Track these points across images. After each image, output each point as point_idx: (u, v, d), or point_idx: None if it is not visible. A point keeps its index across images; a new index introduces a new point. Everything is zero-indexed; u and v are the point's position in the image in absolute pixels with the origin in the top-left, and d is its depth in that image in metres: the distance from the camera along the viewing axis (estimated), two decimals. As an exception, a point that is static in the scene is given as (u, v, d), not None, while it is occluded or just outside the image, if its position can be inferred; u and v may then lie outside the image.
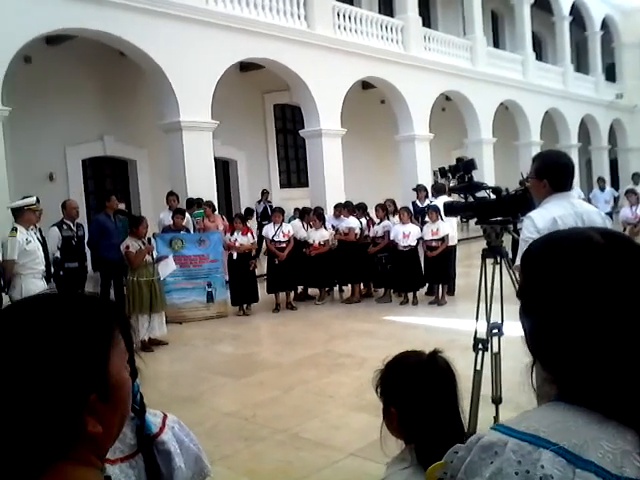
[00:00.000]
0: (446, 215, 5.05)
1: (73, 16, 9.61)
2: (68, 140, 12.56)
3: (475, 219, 5.04)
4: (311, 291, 9.98)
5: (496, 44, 23.56)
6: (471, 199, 5.03)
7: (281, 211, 9.57)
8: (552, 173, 3.54)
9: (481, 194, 5.07)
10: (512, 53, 21.25)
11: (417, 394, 1.73)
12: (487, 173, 18.12)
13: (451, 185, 5.13)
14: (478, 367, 3.79)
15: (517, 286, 1.00)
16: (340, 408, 5.04)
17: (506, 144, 20.11)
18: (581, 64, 26.46)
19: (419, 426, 1.73)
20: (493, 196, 4.85)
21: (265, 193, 14.59)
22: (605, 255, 0.85)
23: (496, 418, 3.81)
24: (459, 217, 6.41)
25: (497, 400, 3.90)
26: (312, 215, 9.81)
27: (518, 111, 20.56)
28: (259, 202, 14.06)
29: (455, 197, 5.44)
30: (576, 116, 23.24)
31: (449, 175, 5.07)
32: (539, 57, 23.59)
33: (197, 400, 5.44)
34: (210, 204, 10.65)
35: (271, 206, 12.57)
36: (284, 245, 9.26)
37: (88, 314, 0.82)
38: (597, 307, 0.83)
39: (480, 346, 3.82)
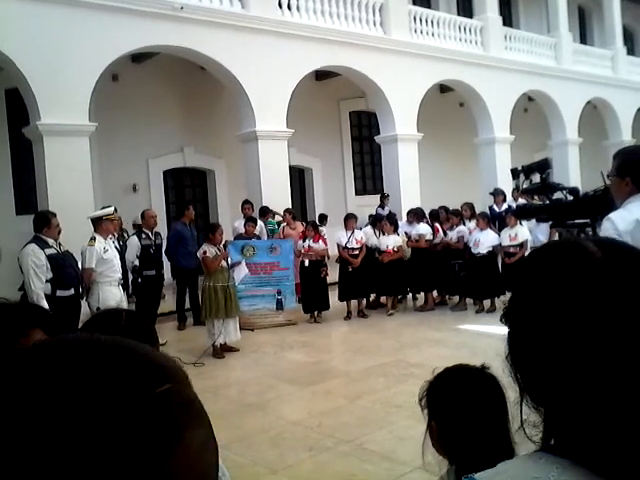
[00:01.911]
0: (519, 218, 4.80)
1: (156, 34, 10.05)
2: (150, 152, 13.08)
3: (550, 222, 4.75)
4: (383, 299, 9.80)
5: (583, 40, 22.45)
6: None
7: (354, 217, 9.48)
8: (636, 170, 3.24)
9: (557, 195, 4.77)
10: (601, 49, 20.20)
11: (456, 411, 1.63)
12: (573, 175, 17.29)
13: (524, 186, 4.88)
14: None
15: None
16: (407, 419, 4.85)
17: (594, 144, 19.09)
18: (678, 57, 24.77)
19: (460, 446, 1.61)
20: (570, 197, 4.56)
21: (386, 197, 13.69)
22: (602, 271, 0.72)
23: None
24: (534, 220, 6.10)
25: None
26: (384, 221, 9.65)
27: (607, 109, 19.49)
28: (381, 207, 13.57)
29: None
30: (673, 112, 21.77)
31: (521, 175, 4.82)
32: (631, 51, 22.27)
33: (264, 407, 5.43)
34: (290, 211, 10.76)
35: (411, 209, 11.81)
36: (357, 252, 9.18)
37: None
38: (591, 331, 0.69)
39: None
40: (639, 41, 24.86)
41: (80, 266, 6.59)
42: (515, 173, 4.81)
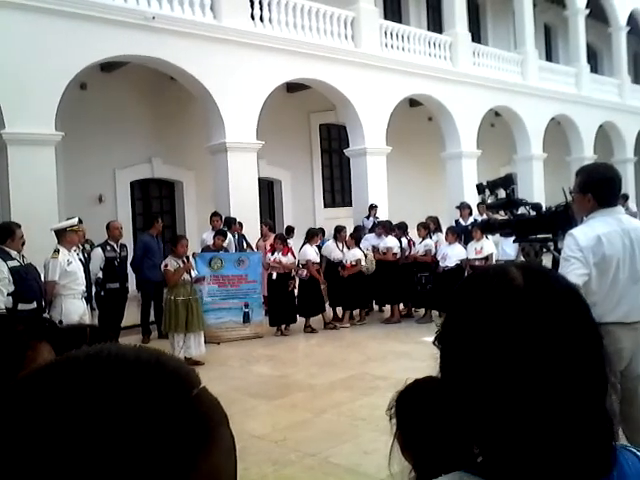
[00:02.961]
0: (484, 233, 4.87)
1: (126, 43, 9.94)
2: (118, 163, 12.92)
3: (513, 237, 4.83)
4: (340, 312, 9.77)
5: (549, 57, 23.02)
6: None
7: (322, 232, 9.53)
8: (597, 187, 3.32)
9: (521, 210, 4.85)
10: (566, 66, 20.72)
11: (419, 424, 1.65)
12: (537, 189, 17.63)
13: (489, 202, 4.95)
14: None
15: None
16: (372, 432, 4.85)
17: (558, 160, 19.52)
18: (639, 76, 25.52)
19: (424, 455, 1.64)
20: (533, 213, 4.64)
21: (373, 207, 13.37)
22: (521, 300, 0.74)
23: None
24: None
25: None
26: (343, 233, 9.61)
27: (570, 125, 19.96)
28: (367, 217, 13.57)
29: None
30: (633, 129, 22.36)
31: (486, 191, 4.89)
32: (594, 69, 22.89)
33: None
34: (267, 223, 10.73)
35: (379, 222, 11.50)
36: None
37: None
38: (507, 358, 0.71)
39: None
40: (603, 59, 25.57)
41: (43, 279, 6.46)
42: (480, 188, 4.88)
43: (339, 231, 9.65)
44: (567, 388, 0.71)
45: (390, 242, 9.44)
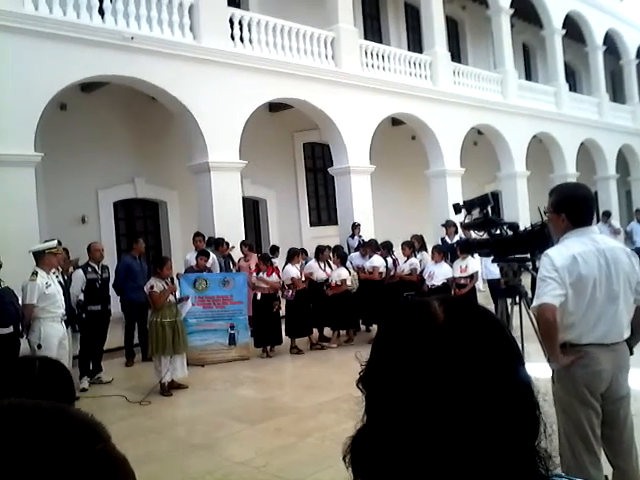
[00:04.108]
0: (462, 253, 4.88)
1: (106, 63, 9.93)
2: (100, 183, 12.85)
3: (491, 257, 4.84)
4: (328, 333, 9.72)
5: (528, 76, 23.37)
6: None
7: (304, 252, 9.50)
8: (570, 206, 3.33)
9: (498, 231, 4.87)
10: (544, 85, 21.03)
11: (376, 472, 1.60)
12: (521, 207, 17.78)
13: (466, 222, 4.96)
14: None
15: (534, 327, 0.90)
16: (356, 457, 4.80)
17: (541, 177, 19.73)
18: (617, 93, 25.96)
19: None
20: (510, 232, 4.66)
21: (357, 226, 13.42)
22: (439, 337, 0.74)
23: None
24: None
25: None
26: (326, 253, 9.61)
27: (552, 143, 20.21)
28: (352, 237, 13.39)
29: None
30: (613, 146, 22.70)
31: (463, 210, 4.90)
32: (573, 88, 23.25)
33: (210, 447, 5.28)
34: (246, 243, 10.70)
35: (364, 240, 11.64)
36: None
37: None
38: (431, 400, 0.72)
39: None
40: (581, 78, 26.01)
41: (21, 302, 6.37)
42: (457, 208, 4.89)
43: (321, 251, 9.63)
44: (488, 427, 0.70)
45: (376, 261, 9.43)
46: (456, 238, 11.43)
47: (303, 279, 9.12)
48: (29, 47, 9.05)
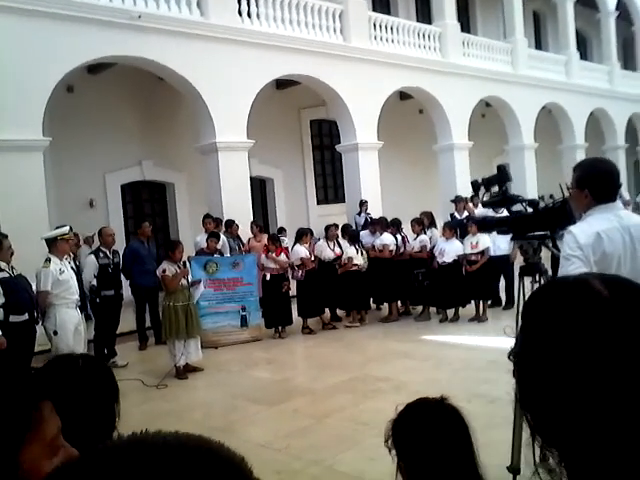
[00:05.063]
0: (479, 231, 4.79)
1: (112, 43, 9.81)
2: (107, 166, 12.78)
3: (510, 235, 4.75)
4: (340, 312, 9.69)
5: (538, 45, 22.92)
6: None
7: (310, 232, 9.47)
8: (594, 182, 3.23)
9: (517, 207, 4.77)
10: (555, 54, 20.65)
11: (422, 450, 1.61)
12: (529, 179, 17.61)
13: (484, 199, 4.86)
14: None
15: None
16: (376, 437, 4.74)
17: (549, 149, 19.50)
18: (628, 61, 25.47)
19: None
20: (530, 209, 4.56)
21: (364, 204, 13.32)
22: (609, 311, 0.72)
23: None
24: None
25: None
26: (333, 229, 9.49)
27: (561, 114, 19.92)
28: (359, 214, 13.30)
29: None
30: (623, 116, 22.36)
31: (482, 188, 4.80)
32: (584, 56, 22.82)
33: (229, 430, 5.29)
34: (257, 223, 10.65)
35: (372, 217, 11.64)
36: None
37: None
38: (599, 372, 0.69)
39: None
40: (592, 46, 25.51)
41: (35, 289, 6.36)
42: (475, 186, 4.79)
43: (329, 229, 9.58)
44: None
45: (386, 239, 9.36)
46: (465, 214, 11.32)
47: (312, 258, 9.07)
48: (35, 28, 8.93)
